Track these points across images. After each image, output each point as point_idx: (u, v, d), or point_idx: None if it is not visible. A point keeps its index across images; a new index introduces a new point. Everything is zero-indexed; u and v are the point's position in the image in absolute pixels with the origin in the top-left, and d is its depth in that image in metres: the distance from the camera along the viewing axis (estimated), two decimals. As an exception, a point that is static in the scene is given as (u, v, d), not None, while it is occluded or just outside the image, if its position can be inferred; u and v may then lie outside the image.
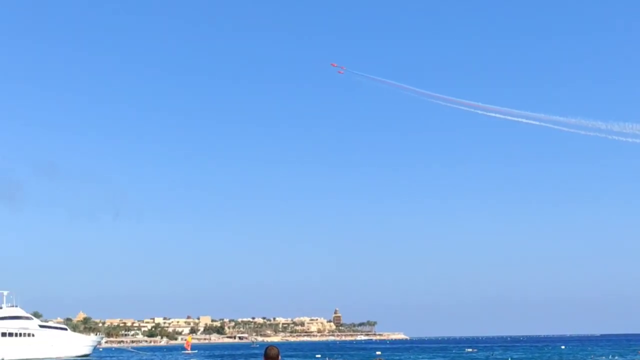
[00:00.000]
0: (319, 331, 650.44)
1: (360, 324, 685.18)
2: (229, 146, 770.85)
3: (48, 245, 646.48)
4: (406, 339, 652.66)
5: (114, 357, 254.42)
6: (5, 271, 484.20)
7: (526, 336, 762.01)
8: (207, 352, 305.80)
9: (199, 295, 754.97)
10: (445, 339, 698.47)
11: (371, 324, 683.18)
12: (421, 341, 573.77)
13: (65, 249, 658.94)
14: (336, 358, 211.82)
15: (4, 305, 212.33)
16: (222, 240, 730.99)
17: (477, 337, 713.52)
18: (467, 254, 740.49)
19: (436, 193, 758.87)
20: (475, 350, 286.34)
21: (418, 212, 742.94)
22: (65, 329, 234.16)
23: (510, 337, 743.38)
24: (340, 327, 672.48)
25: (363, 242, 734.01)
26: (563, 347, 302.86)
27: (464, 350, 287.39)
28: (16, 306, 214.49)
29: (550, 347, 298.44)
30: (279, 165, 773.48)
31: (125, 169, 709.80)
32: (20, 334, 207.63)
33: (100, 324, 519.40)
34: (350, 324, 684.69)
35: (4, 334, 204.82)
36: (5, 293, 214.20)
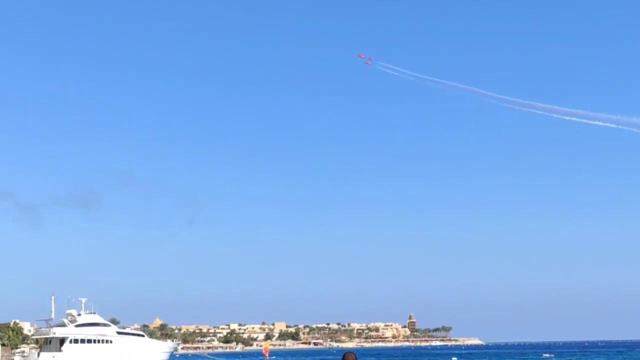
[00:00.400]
0: (393, 337, 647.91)
1: (435, 330, 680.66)
2: (298, 152, 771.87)
3: (125, 252, 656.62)
4: (482, 345, 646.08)
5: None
6: (83, 278, 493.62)
7: (605, 341, 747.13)
8: (285, 358, 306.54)
9: (273, 301, 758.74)
10: (522, 344, 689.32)
11: (446, 329, 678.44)
12: (497, 346, 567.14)
13: (141, 256, 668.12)
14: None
15: (82, 312, 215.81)
16: (296, 245, 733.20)
17: (554, 342, 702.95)
18: (544, 255, 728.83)
19: (509, 195, 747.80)
20: (552, 355, 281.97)
21: (496, 215, 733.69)
22: (143, 336, 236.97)
23: (588, 342, 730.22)
24: (415, 333, 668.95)
25: (438, 246, 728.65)
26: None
27: (542, 355, 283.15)
28: (94, 313, 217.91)
29: (633, 353, 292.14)
30: (351, 171, 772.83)
31: (198, 175, 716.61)
32: (98, 341, 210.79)
33: (177, 331, 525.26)
34: (425, 330, 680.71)
35: (82, 341, 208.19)
36: (84, 300, 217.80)
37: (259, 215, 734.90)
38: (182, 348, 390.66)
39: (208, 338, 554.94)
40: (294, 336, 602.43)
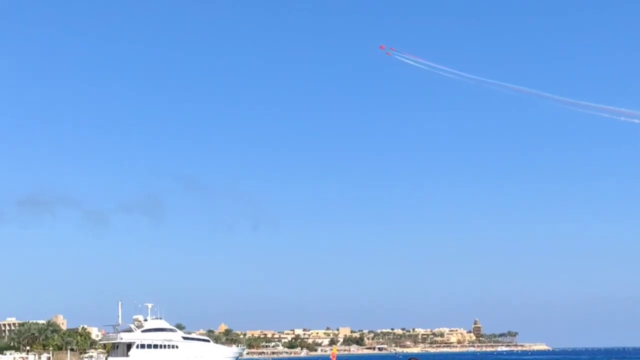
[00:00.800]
0: (458, 342, 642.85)
1: (501, 335, 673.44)
2: (363, 158, 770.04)
3: (190, 258, 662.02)
4: (549, 350, 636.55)
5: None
6: (149, 284, 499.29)
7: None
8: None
9: (338, 306, 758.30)
10: (590, 349, 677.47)
11: (512, 334, 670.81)
12: (564, 352, 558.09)
13: (206, 261, 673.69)
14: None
15: (148, 318, 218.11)
16: (360, 250, 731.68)
17: (625, 348, 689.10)
18: (614, 256, 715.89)
19: (575, 197, 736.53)
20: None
21: (562, 216, 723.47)
22: (208, 341, 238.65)
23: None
24: (480, 338, 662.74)
25: (503, 248, 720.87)
26: None
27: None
28: (160, 318, 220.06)
29: None
30: (412, 175, 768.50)
31: (262, 180, 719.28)
32: (165, 346, 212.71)
33: (242, 336, 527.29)
34: (491, 335, 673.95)
35: (149, 346, 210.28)
36: (150, 306, 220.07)
37: (323, 220, 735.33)
38: (247, 353, 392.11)
39: (273, 343, 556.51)
40: (359, 341, 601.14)
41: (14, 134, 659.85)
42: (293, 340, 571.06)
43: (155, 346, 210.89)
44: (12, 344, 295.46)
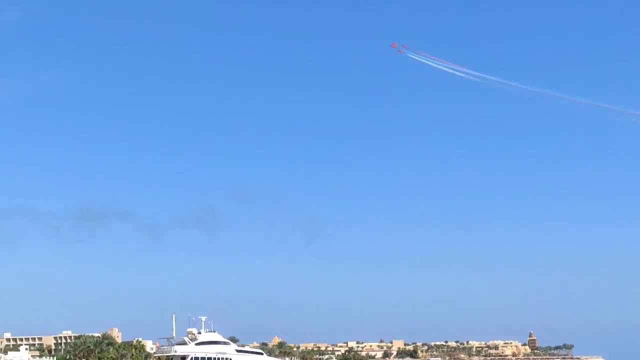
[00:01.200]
0: (513, 355, 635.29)
1: (556, 347, 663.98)
2: (420, 164, 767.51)
3: (243, 270, 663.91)
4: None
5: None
6: (203, 297, 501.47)
7: None
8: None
9: (391, 318, 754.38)
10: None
11: (568, 347, 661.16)
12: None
13: (259, 274, 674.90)
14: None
15: (202, 331, 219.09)
16: (414, 262, 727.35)
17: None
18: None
19: (632, 204, 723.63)
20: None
21: (618, 225, 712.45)
22: (262, 354, 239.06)
23: None
24: (535, 351, 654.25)
25: (558, 259, 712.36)
26: None
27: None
28: (214, 331, 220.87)
29: None
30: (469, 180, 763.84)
31: (316, 193, 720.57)
32: (218, 359, 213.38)
33: (295, 349, 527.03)
34: (546, 347, 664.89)
35: (202, 359, 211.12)
36: (204, 319, 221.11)
37: (377, 231, 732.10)
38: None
39: (326, 356, 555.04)
40: (412, 354, 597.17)
41: (69, 148, 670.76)
42: (346, 353, 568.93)
43: (209, 359, 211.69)
44: (68, 356, 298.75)
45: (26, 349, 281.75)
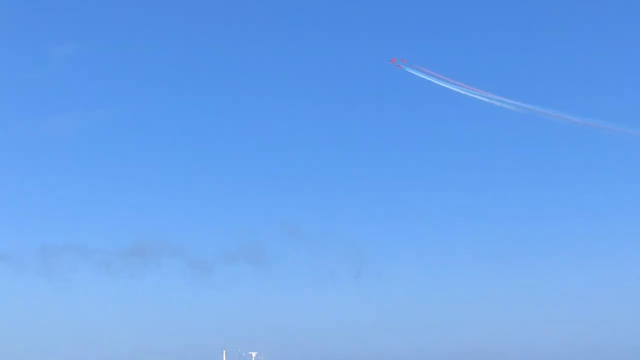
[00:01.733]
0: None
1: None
2: (482, 198, 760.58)
3: (293, 305, 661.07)
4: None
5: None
6: (253, 332, 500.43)
7: None
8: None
9: (440, 354, 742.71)
10: None
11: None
12: None
13: (309, 308, 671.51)
14: None
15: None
16: (465, 298, 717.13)
17: None
18: None
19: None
20: None
21: None
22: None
23: None
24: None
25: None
26: None
27: None
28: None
29: None
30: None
31: (366, 228, 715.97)
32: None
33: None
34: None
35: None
36: (254, 354, 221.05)
37: (428, 265, 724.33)
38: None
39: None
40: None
41: (120, 185, 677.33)
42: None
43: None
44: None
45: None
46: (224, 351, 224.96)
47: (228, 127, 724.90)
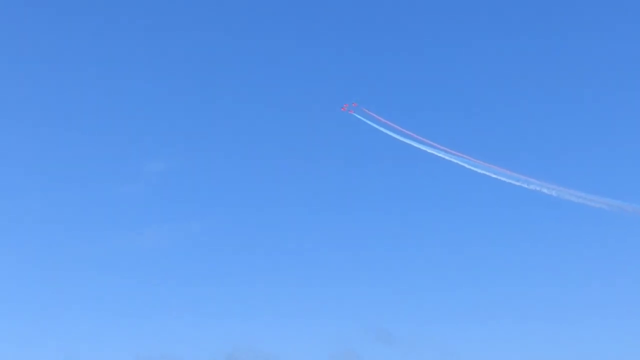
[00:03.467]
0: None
1: None
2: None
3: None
4: None
5: None
6: None
7: None
8: None
9: None
10: None
11: None
12: None
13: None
14: None
15: None
16: None
17: None
18: None
19: None
20: None
21: None
22: None
23: None
24: None
25: None
26: None
27: None
28: None
29: None
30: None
31: (455, 326, 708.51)
32: None
33: None
34: None
35: None
36: None
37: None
38: None
39: None
40: None
41: (211, 297, 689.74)
42: None
43: None
44: None
45: None
46: None
47: (309, 240, 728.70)
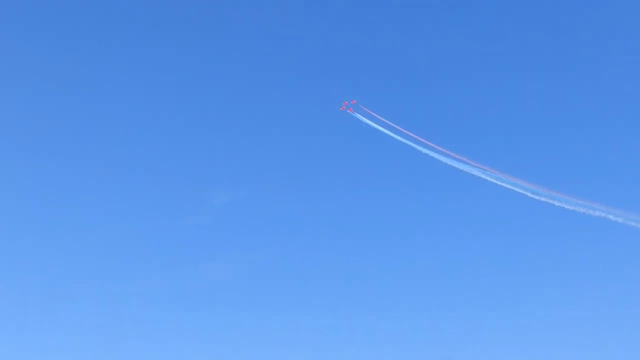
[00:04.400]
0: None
1: None
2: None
3: None
4: None
5: None
6: None
7: None
8: None
9: None
10: None
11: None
12: None
13: None
14: None
15: None
16: None
17: None
18: None
19: None
20: None
21: None
22: None
23: None
24: None
25: None
26: None
27: None
28: None
29: None
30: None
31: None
32: None
33: None
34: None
35: None
36: None
37: None
38: None
39: None
40: None
41: (278, 329, 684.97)
42: None
43: None
44: None
45: None
46: None
47: (376, 267, 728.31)
